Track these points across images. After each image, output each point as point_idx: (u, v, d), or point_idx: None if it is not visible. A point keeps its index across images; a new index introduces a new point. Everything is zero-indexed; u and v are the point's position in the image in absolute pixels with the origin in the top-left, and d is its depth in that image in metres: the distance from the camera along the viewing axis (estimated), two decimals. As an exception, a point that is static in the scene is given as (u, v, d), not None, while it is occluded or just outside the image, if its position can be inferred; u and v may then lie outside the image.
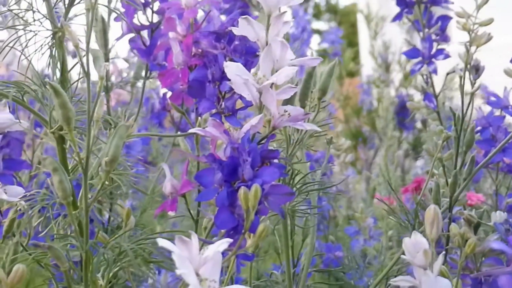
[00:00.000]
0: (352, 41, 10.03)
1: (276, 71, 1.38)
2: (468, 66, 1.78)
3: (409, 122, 3.86)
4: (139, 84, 2.17)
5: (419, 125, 3.67)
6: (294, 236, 1.74)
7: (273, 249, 2.43)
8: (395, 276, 1.29)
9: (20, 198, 1.46)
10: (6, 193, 1.45)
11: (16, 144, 1.55)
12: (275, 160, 1.39)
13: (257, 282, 1.74)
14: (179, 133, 1.60)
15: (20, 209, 1.50)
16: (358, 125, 4.52)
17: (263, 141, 1.41)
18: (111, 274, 1.50)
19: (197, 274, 1.15)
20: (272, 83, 1.36)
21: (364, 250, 2.63)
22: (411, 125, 3.94)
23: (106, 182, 1.36)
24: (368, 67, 5.06)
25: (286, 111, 1.39)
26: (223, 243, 1.18)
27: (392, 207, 1.70)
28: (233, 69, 1.36)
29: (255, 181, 1.31)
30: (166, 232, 1.47)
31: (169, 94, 1.70)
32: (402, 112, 3.93)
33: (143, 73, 1.98)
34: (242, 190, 1.25)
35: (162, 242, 1.18)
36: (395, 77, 4.23)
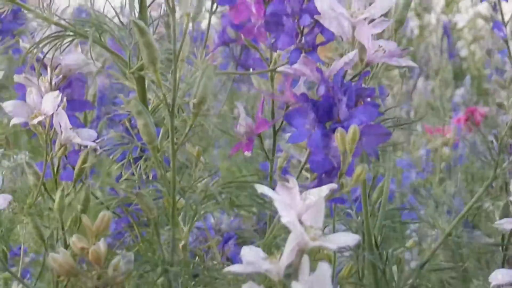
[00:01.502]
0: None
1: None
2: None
3: (452, 50, 3.74)
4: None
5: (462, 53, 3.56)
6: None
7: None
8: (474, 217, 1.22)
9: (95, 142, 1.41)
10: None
11: (78, 84, 1.49)
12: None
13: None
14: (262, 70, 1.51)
15: (95, 153, 1.45)
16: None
17: (355, 79, 1.33)
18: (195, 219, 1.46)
19: (300, 222, 1.09)
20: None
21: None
22: (452, 53, 3.81)
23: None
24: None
25: (381, 46, 1.30)
26: (325, 189, 1.11)
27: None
28: (324, 2, 1.27)
29: (351, 121, 1.23)
30: (251, 175, 1.40)
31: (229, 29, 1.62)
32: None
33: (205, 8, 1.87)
34: (339, 131, 1.18)
35: (261, 189, 1.12)
36: (437, 4, 4.06)
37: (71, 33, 1.32)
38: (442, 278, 1.51)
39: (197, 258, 1.56)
